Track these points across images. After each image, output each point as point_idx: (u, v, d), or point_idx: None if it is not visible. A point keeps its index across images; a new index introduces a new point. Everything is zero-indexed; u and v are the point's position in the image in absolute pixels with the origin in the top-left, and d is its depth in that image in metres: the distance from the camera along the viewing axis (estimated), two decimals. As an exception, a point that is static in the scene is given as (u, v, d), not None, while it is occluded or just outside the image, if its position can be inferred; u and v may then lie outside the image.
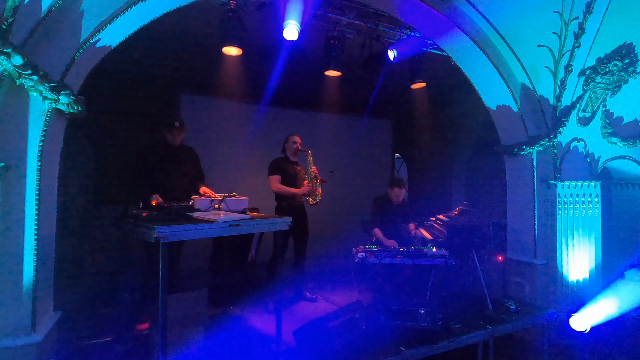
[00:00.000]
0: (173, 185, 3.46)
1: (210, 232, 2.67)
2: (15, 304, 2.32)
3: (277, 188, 4.22)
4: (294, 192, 4.21)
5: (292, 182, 4.28)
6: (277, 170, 4.25)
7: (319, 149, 6.45)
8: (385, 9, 3.97)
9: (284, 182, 4.24)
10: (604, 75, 4.02)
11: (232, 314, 3.83)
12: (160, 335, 2.28)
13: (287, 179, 4.26)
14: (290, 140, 4.39)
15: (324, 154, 6.49)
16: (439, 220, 5.05)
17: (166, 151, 3.56)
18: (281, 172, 4.25)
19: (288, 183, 4.25)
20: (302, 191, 4.22)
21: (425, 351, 2.91)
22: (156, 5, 2.86)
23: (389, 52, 4.57)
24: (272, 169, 4.29)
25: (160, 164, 3.47)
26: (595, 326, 3.80)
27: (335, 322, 2.83)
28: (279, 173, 4.24)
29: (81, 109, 2.60)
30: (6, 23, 2.06)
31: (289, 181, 4.26)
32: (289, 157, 4.40)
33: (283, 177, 4.25)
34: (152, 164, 3.45)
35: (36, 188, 2.38)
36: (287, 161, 4.38)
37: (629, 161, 4.64)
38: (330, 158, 6.57)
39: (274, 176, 4.24)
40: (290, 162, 4.38)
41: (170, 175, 3.49)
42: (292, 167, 4.36)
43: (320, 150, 6.45)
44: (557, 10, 3.64)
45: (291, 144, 4.36)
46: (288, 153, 4.40)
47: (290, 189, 4.21)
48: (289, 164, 4.36)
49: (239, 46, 3.96)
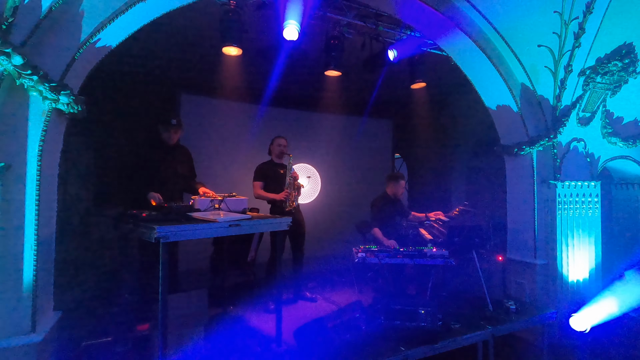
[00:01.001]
0: (168, 185, 3.43)
1: (210, 232, 2.67)
2: (15, 304, 2.32)
3: (257, 194, 4.28)
4: (272, 198, 4.23)
5: (276, 185, 4.28)
6: (260, 176, 4.29)
7: (319, 149, 6.46)
8: (385, 9, 3.97)
9: (267, 186, 4.26)
10: (604, 75, 4.02)
11: (232, 314, 3.83)
12: (160, 335, 2.28)
13: (271, 183, 4.28)
14: (276, 142, 4.40)
15: (324, 154, 6.49)
16: (439, 220, 5.05)
17: (162, 150, 3.52)
18: (264, 177, 4.29)
19: (272, 187, 4.27)
20: (280, 197, 4.21)
21: (425, 351, 2.91)
22: (156, 5, 2.86)
23: (389, 52, 4.56)
24: (256, 174, 4.33)
25: (156, 163, 3.44)
26: (595, 326, 3.80)
27: (335, 322, 2.83)
28: (261, 179, 4.28)
29: (81, 109, 2.60)
30: (6, 23, 2.06)
31: (273, 185, 4.27)
32: (274, 160, 4.42)
33: (266, 182, 4.27)
34: (148, 163, 3.42)
35: (36, 188, 2.38)
36: (271, 164, 4.40)
37: (629, 161, 4.64)
38: (331, 158, 6.57)
39: (256, 182, 4.29)
40: (275, 164, 4.40)
41: (165, 175, 3.45)
42: (276, 171, 4.36)
43: (320, 150, 6.46)
44: (557, 10, 3.64)
45: (276, 146, 4.37)
46: (273, 155, 4.42)
47: (269, 195, 4.23)
48: (273, 167, 4.37)
49: (239, 46, 3.96)
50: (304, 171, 6.30)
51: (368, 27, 4.39)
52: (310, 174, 6.34)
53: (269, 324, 3.42)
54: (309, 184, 4.49)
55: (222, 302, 3.86)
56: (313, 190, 6.49)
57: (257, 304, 4.12)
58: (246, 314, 3.89)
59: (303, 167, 6.36)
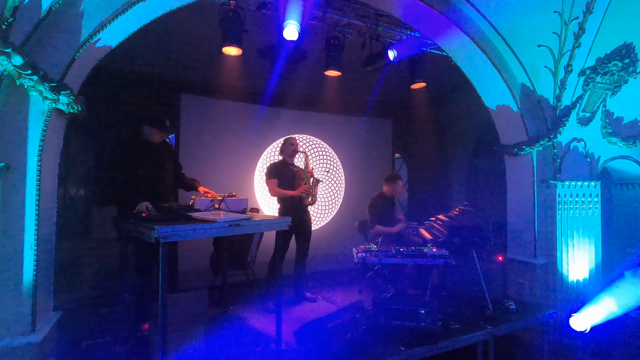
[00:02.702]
0: (158, 185, 3.30)
1: (210, 232, 2.67)
2: (15, 304, 2.32)
3: (275, 192, 4.26)
4: (291, 194, 4.22)
5: (290, 184, 4.28)
6: (275, 174, 4.27)
7: (318, 150, 6.46)
8: (385, 9, 3.97)
9: (281, 185, 4.25)
10: (604, 75, 4.02)
11: (232, 314, 3.83)
12: (160, 335, 2.28)
13: (285, 182, 4.26)
14: (287, 142, 4.40)
15: (323, 154, 6.49)
16: (439, 220, 5.05)
17: (148, 150, 3.34)
18: (279, 175, 4.27)
19: (286, 185, 4.25)
20: (299, 192, 4.22)
21: (425, 351, 2.91)
22: (156, 5, 2.86)
23: (389, 52, 4.57)
24: (270, 173, 4.31)
25: (145, 163, 3.26)
26: (595, 326, 3.80)
27: (335, 322, 2.83)
28: (276, 177, 4.26)
29: (81, 109, 2.60)
30: (6, 23, 2.06)
31: (287, 183, 4.27)
32: (286, 160, 4.41)
33: (281, 181, 4.25)
34: (137, 165, 3.22)
35: (36, 188, 2.38)
36: (284, 164, 4.39)
37: (629, 161, 4.64)
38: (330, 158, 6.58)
39: (271, 180, 4.27)
40: (287, 164, 4.39)
41: (155, 175, 3.31)
42: (289, 170, 4.36)
43: (320, 150, 6.46)
44: (557, 10, 3.64)
45: (288, 147, 4.37)
46: (285, 155, 4.41)
47: (287, 192, 4.22)
48: (286, 167, 4.37)
49: (239, 46, 3.96)
50: (320, 166, 6.36)
51: (368, 27, 4.39)
52: (328, 168, 6.35)
53: (269, 324, 3.42)
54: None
55: (222, 302, 3.86)
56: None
57: (257, 304, 4.12)
58: (246, 314, 3.89)
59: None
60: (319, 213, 6.32)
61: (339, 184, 6.59)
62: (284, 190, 4.23)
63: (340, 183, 6.58)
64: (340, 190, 6.59)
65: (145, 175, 3.20)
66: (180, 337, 2.84)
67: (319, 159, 6.40)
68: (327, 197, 6.45)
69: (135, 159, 3.23)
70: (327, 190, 6.45)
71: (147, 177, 3.21)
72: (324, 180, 6.28)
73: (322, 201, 6.34)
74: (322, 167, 6.38)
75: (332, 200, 6.51)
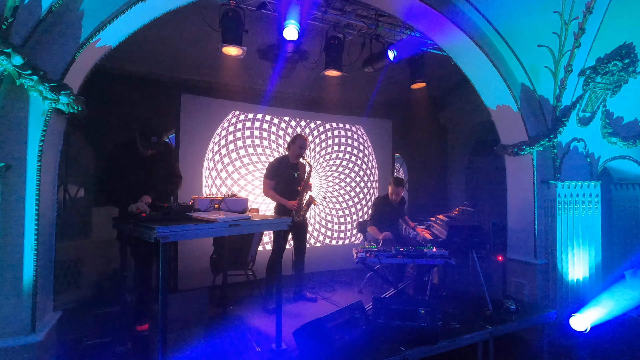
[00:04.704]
0: (148, 189, 3.10)
1: (210, 232, 2.67)
2: (16, 304, 2.32)
3: (267, 193, 4.18)
4: (282, 203, 4.11)
5: (285, 186, 4.16)
6: (272, 175, 4.15)
7: (319, 150, 6.46)
8: (385, 8, 3.97)
9: (277, 185, 4.15)
10: (604, 75, 4.02)
11: (232, 314, 3.83)
12: (160, 335, 2.28)
13: (282, 183, 4.16)
14: (297, 142, 4.16)
15: (324, 154, 6.49)
16: (439, 220, 5.06)
17: (138, 158, 3.14)
18: (277, 176, 4.15)
19: (281, 187, 4.15)
20: (289, 206, 4.08)
21: (425, 351, 2.91)
22: (156, 5, 2.86)
23: (389, 52, 4.57)
24: (268, 172, 4.19)
25: (133, 168, 3.10)
26: (595, 326, 3.80)
27: (335, 322, 2.83)
28: (273, 178, 4.14)
29: (81, 109, 2.60)
30: (6, 23, 2.06)
31: (282, 185, 4.16)
32: (290, 159, 4.24)
33: (278, 182, 4.15)
34: (126, 169, 3.08)
35: (36, 188, 2.38)
36: (286, 164, 4.23)
37: (629, 161, 4.64)
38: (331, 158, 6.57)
39: (267, 180, 4.16)
40: (289, 164, 4.23)
41: (143, 180, 3.13)
42: (289, 172, 4.21)
43: (320, 150, 6.46)
44: (557, 10, 3.64)
45: (297, 147, 4.15)
46: (290, 153, 4.23)
47: (278, 198, 4.12)
48: (287, 168, 4.21)
49: (239, 46, 3.96)
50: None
51: (368, 27, 4.40)
52: (323, 197, 6.23)
53: (269, 324, 3.42)
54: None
55: (222, 302, 3.86)
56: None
57: (257, 304, 4.12)
58: (246, 314, 3.89)
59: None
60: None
61: (341, 184, 6.58)
62: (275, 195, 4.13)
63: (341, 183, 6.58)
64: (340, 190, 6.58)
65: (137, 180, 3.07)
66: (180, 337, 2.84)
67: (319, 160, 6.39)
68: (327, 197, 6.45)
69: (127, 163, 3.09)
70: (327, 190, 6.44)
71: (138, 182, 3.07)
72: (320, 205, 6.15)
73: (322, 201, 6.33)
74: (323, 187, 6.26)
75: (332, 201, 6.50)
